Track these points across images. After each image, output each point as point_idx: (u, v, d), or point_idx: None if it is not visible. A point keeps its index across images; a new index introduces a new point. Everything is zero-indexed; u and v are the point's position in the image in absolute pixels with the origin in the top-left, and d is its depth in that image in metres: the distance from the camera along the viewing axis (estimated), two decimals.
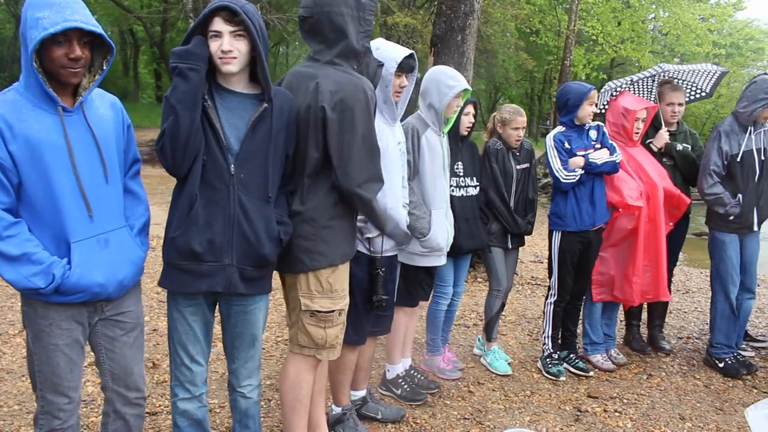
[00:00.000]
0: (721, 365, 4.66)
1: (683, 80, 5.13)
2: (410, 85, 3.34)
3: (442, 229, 3.75)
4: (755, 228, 4.53)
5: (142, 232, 2.48)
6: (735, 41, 30.58)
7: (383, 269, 3.16)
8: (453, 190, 4.03)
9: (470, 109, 4.10)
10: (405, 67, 3.23)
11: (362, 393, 3.64)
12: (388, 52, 3.19)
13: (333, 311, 2.74)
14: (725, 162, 4.49)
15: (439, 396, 4.03)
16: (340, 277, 2.75)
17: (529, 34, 24.56)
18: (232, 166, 2.44)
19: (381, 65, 2.75)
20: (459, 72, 3.87)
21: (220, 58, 2.38)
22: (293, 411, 2.87)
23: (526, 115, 4.47)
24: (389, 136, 3.23)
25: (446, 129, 3.84)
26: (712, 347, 4.75)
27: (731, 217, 4.47)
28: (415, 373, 4.11)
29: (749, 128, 4.49)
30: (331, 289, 2.72)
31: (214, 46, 2.38)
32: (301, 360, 2.83)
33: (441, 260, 3.83)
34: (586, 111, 4.30)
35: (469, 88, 3.84)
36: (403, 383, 3.96)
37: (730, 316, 4.63)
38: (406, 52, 3.20)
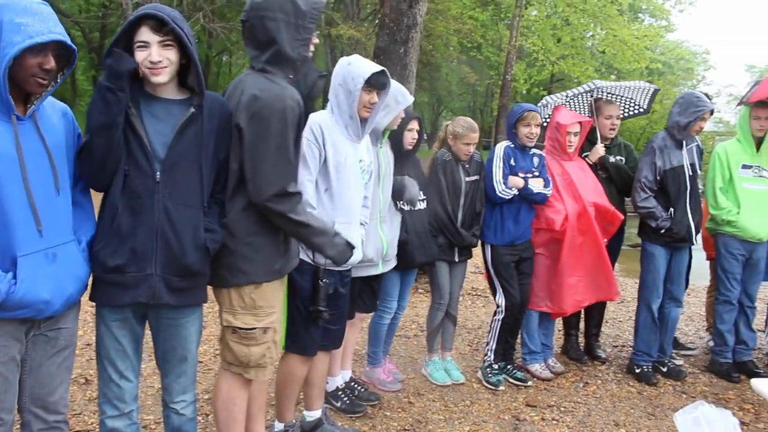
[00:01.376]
0: (637, 371, 4.81)
1: (620, 96, 5.27)
2: (381, 103, 3.32)
3: (373, 240, 3.70)
4: (693, 242, 4.70)
5: (89, 247, 2.39)
6: (667, 60, 31.75)
7: (325, 280, 3.13)
8: (402, 204, 4.02)
9: (414, 125, 4.08)
10: (375, 84, 3.21)
11: (317, 414, 3.56)
12: (357, 67, 3.17)
13: (255, 329, 2.65)
14: (658, 177, 4.63)
15: (380, 408, 4.02)
16: (265, 293, 2.65)
17: (471, 49, 24.95)
18: (158, 173, 2.36)
19: (323, 76, 2.71)
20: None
21: (149, 68, 2.31)
22: (227, 428, 2.81)
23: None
24: (350, 152, 3.22)
25: (383, 139, 3.82)
26: (634, 354, 4.91)
27: (662, 231, 4.60)
28: (356, 385, 4.09)
29: (681, 142, 4.64)
30: (254, 306, 2.63)
31: (140, 56, 2.30)
32: (232, 377, 2.76)
33: (373, 270, 3.77)
34: (521, 132, 4.38)
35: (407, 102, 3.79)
36: (342, 396, 3.93)
37: (651, 326, 4.77)
38: (376, 68, 3.18)
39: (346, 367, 4.11)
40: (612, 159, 4.94)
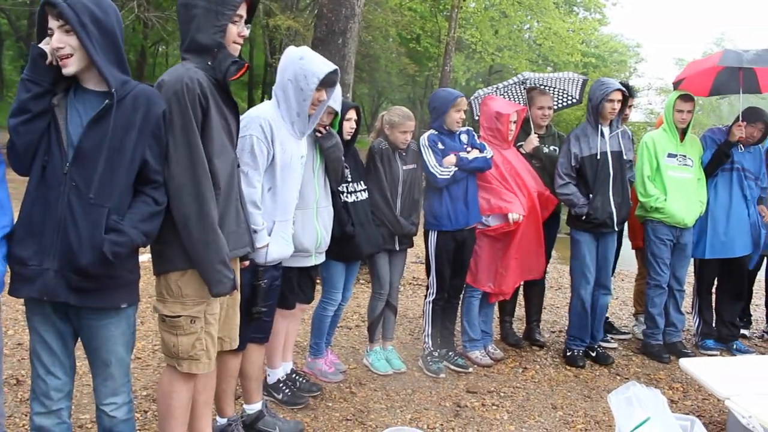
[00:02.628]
0: (568, 354, 4.97)
1: (553, 87, 5.39)
2: (327, 100, 3.29)
3: (309, 231, 3.69)
4: (615, 228, 4.82)
5: (5, 245, 2.30)
6: (601, 53, 32.49)
7: (264, 281, 3.12)
8: (346, 196, 4.03)
9: (352, 114, 4.08)
10: (327, 82, 3.18)
11: (257, 406, 3.54)
12: (311, 65, 3.13)
13: (180, 317, 2.58)
14: (575, 164, 4.75)
15: (321, 398, 4.02)
16: (191, 281, 2.57)
17: (410, 40, 25.01)
18: (67, 165, 2.27)
19: (236, 62, 2.63)
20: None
21: (57, 57, 2.24)
22: (165, 422, 2.76)
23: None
24: (294, 149, 3.20)
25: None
26: (568, 339, 5.06)
27: (583, 217, 4.73)
28: (297, 377, 4.08)
29: (601, 130, 4.77)
30: (181, 294, 2.57)
31: (51, 43, 2.25)
32: (171, 370, 2.71)
33: (307, 261, 3.76)
34: (453, 117, 4.42)
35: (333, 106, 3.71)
36: (284, 387, 3.92)
37: (581, 312, 4.92)
38: (330, 67, 3.15)
39: (287, 358, 4.09)
40: (546, 149, 5.05)
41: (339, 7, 8.03)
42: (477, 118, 5.04)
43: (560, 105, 5.51)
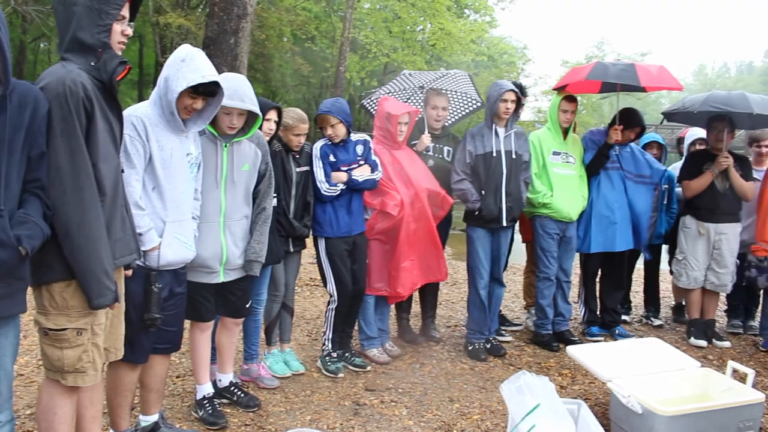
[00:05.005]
0: (469, 348, 5.11)
1: (454, 91, 5.50)
2: (214, 106, 3.16)
3: (210, 246, 3.53)
4: (504, 224, 4.98)
5: None
6: (492, 54, 33.53)
7: (158, 286, 3.02)
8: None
9: (272, 114, 4.02)
10: (203, 92, 3.06)
11: (153, 418, 3.42)
12: (187, 69, 2.97)
13: (66, 329, 2.46)
14: (470, 162, 4.89)
15: (219, 405, 3.93)
16: (78, 292, 2.46)
17: (304, 40, 24.92)
18: None
19: (123, 62, 2.54)
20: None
21: None
22: None
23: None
24: (176, 146, 3.10)
25: (237, 138, 3.61)
26: (468, 333, 5.19)
27: (476, 213, 4.88)
28: (236, 390, 3.99)
29: (496, 129, 4.92)
30: (66, 306, 2.45)
31: None
32: (52, 384, 2.57)
33: (214, 278, 3.62)
34: (327, 132, 4.46)
35: (238, 107, 3.48)
36: (207, 405, 3.75)
37: (479, 305, 5.08)
38: (205, 78, 2.97)
39: (225, 371, 4.00)
40: (446, 148, 5.15)
41: (231, 6, 7.90)
42: (372, 116, 5.09)
43: (465, 111, 5.64)
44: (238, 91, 3.45)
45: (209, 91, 3.09)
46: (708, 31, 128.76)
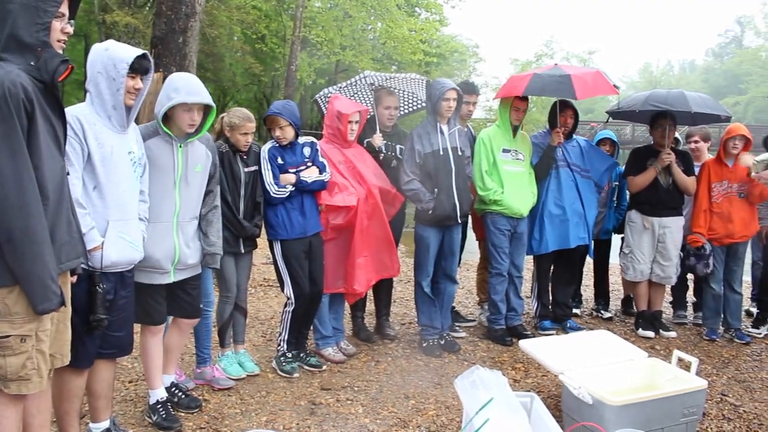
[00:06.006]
0: (424, 345, 5.14)
1: (402, 90, 5.52)
2: (145, 88, 3.15)
3: (163, 246, 3.53)
4: (459, 220, 5.03)
5: None
6: (442, 52, 33.77)
7: (102, 286, 2.96)
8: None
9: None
10: (138, 69, 3.06)
11: (104, 425, 3.35)
12: (117, 53, 2.99)
13: (9, 336, 2.39)
14: (419, 161, 4.91)
15: (173, 409, 3.88)
16: (22, 298, 2.38)
17: (255, 40, 24.70)
18: None
19: (65, 61, 2.49)
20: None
21: None
22: None
23: (255, 119, 4.47)
24: (116, 144, 3.05)
25: (191, 139, 3.65)
26: (421, 330, 5.23)
27: (429, 212, 4.91)
28: (177, 391, 3.94)
29: (440, 127, 4.95)
30: (9, 312, 2.38)
31: None
32: None
33: (165, 278, 3.62)
34: (275, 134, 4.45)
35: (199, 101, 3.54)
36: (161, 410, 3.70)
37: (427, 300, 5.11)
38: (138, 52, 3.03)
39: (168, 371, 3.95)
40: (399, 147, 5.17)
41: (179, 5, 7.79)
42: (322, 116, 5.09)
43: (411, 108, 5.67)
44: (195, 87, 3.55)
45: (144, 67, 3.10)
46: (653, 30, 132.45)
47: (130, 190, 3.17)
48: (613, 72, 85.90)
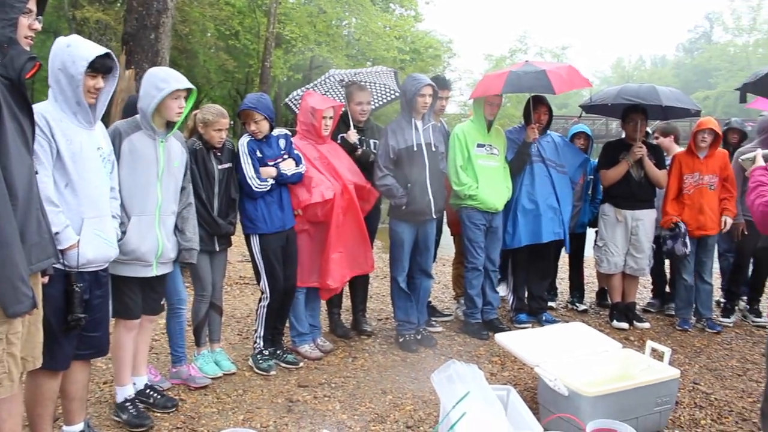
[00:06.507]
0: (400, 340, 5.15)
1: (372, 82, 5.51)
2: (109, 87, 3.11)
3: (148, 239, 3.56)
4: (433, 215, 5.04)
5: None
6: (417, 48, 33.79)
7: (80, 285, 2.93)
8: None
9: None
10: (100, 68, 3.01)
11: (78, 428, 3.31)
12: (78, 50, 2.95)
13: None
14: (393, 156, 4.91)
15: (148, 409, 3.85)
16: None
17: (228, 36, 24.51)
18: None
19: (33, 58, 2.44)
20: None
21: None
22: None
23: (229, 115, 4.45)
24: (85, 140, 3.02)
25: (171, 133, 3.68)
26: (397, 325, 5.23)
27: (403, 207, 4.92)
28: (152, 392, 3.89)
29: (415, 123, 4.95)
30: None
31: None
32: None
33: (148, 272, 3.63)
34: (250, 128, 4.43)
35: (188, 86, 3.66)
36: (130, 407, 3.67)
37: (403, 296, 5.13)
38: (100, 51, 2.99)
39: (140, 373, 3.90)
40: (372, 141, 5.17)
41: (150, 1, 7.70)
42: (296, 114, 5.06)
43: (385, 100, 5.66)
44: (178, 75, 3.64)
45: (106, 66, 3.06)
46: (625, 26, 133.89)
47: (102, 186, 3.15)
48: (587, 67, 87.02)
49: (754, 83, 4.56)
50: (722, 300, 6.23)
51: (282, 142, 4.55)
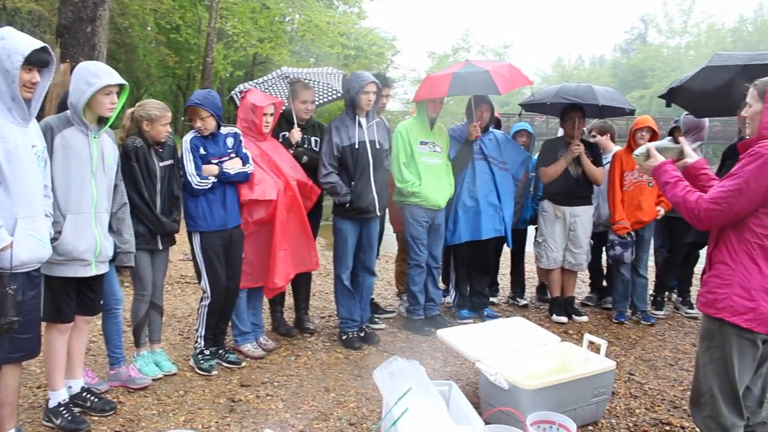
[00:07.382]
0: (343, 338, 5.16)
1: (317, 81, 5.48)
2: (45, 81, 3.02)
3: (85, 237, 3.47)
4: (377, 213, 5.06)
5: None
6: (361, 45, 33.74)
7: (12, 287, 2.83)
8: None
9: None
10: (36, 62, 2.92)
11: None
12: (13, 43, 2.86)
13: None
14: (337, 154, 4.91)
15: (86, 412, 3.75)
16: None
17: (169, 30, 24.00)
18: None
19: None
20: None
21: None
22: None
23: (171, 111, 4.35)
24: (19, 137, 2.92)
25: (104, 129, 3.59)
26: (340, 322, 5.24)
27: (347, 205, 4.92)
28: (89, 396, 3.79)
29: (359, 120, 4.96)
30: None
31: None
32: None
33: (87, 271, 3.53)
34: (196, 125, 4.37)
35: (120, 82, 3.56)
36: (64, 412, 3.56)
37: (347, 293, 5.14)
38: (36, 44, 2.90)
39: (76, 376, 3.79)
40: (314, 139, 5.14)
41: None
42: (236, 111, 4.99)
43: (327, 99, 5.63)
44: (110, 70, 3.54)
45: (42, 60, 2.98)
46: (565, 25, 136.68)
47: (36, 185, 3.06)
48: (528, 66, 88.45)
49: (677, 94, 4.97)
50: (653, 293, 6.43)
51: (230, 141, 4.49)
